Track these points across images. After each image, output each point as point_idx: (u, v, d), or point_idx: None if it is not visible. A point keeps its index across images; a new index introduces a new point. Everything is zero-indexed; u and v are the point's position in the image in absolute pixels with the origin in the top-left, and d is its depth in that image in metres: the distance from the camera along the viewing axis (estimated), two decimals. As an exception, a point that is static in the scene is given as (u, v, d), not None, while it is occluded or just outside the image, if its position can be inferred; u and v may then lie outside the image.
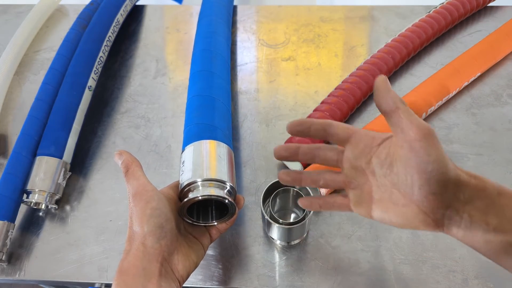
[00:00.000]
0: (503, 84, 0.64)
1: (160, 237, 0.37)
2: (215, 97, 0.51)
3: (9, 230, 0.50)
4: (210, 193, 0.39)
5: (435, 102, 0.59)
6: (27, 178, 0.53)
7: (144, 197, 0.38)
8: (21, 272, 0.50)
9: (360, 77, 0.61)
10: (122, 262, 0.37)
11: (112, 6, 0.71)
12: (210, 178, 0.40)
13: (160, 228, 0.37)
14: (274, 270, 0.48)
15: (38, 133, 0.56)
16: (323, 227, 0.51)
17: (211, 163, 0.41)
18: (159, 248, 0.37)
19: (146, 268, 0.36)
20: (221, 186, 0.41)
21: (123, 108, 0.66)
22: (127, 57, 0.73)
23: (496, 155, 0.57)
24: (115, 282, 0.36)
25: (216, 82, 0.53)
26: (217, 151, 0.43)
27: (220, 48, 0.60)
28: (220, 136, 0.46)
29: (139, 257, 0.36)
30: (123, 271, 0.36)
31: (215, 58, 0.57)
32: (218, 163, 0.42)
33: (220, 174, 0.41)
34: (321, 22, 0.76)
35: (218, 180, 0.40)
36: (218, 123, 0.47)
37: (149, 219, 0.37)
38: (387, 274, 0.47)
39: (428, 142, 0.31)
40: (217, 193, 0.39)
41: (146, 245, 0.37)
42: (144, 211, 0.37)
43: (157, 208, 0.38)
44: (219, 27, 0.64)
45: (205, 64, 0.56)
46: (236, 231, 0.52)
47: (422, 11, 0.76)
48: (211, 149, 0.43)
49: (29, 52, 0.75)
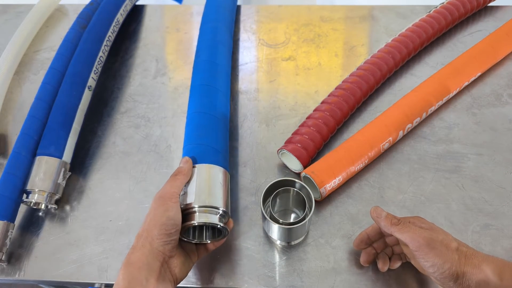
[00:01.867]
0: (503, 84, 0.64)
1: (166, 243, 0.41)
2: (218, 116, 0.53)
3: (9, 230, 0.50)
4: (205, 220, 0.44)
5: (435, 102, 0.59)
6: (27, 178, 0.52)
7: (166, 205, 0.42)
8: (20, 272, 0.50)
9: (360, 77, 0.61)
10: (129, 255, 0.40)
11: (112, 6, 0.71)
12: (208, 205, 0.44)
13: (167, 236, 0.41)
14: (274, 270, 0.48)
15: (38, 133, 0.56)
16: (323, 227, 0.51)
17: (211, 190, 0.46)
18: (163, 250, 0.41)
19: (150, 264, 0.40)
20: (216, 212, 0.45)
21: (123, 108, 0.65)
22: (127, 57, 0.73)
23: (496, 155, 0.57)
24: (121, 272, 0.39)
25: (219, 99, 0.55)
26: (218, 178, 0.47)
27: (223, 60, 0.60)
28: (221, 160, 0.49)
29: (145, 254, 0.40)
30: (130, 263, 0.40)
31: (219, 71, 0.58)
32: (218, 190, 0.46)
33: (217, 201, 0.45)
34: (321, 22, 0.76)
35: (214, 207, 0.45)
36: (220, 145, 0.50)
37: (162, 226, 0.41)
38: (387, 274, 0.47)
39: (423, 251, 0.39)
40: (211, 220, 0.44)
41: (153, 246, 0.41)
42: (160, 218, 0.41)
43: (172, 218, 0.42)
44: (223, 36, 0.64)
45: (208, 78, 0.56)
46: (236, 231, 0.52)
47: (422, 10, 0.75)
48: (212, 175, 0.47)
49: (29, 52, 0.75)
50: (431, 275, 0.40)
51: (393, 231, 0.42)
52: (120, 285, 0.39)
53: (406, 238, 0.41)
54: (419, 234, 0.40)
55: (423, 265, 0.40)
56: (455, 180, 0.55)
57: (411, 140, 0.59)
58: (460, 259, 0.39)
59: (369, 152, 0.54)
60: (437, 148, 0.58)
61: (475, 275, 0.38)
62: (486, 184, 0.54)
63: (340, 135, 0.60)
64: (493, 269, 0.38)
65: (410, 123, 0.57)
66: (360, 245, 0.47)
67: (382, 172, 0.56)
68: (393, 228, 0.42)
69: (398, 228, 0.42)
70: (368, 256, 0.47)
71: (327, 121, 0.56)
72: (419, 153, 0.57)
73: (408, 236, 0.40)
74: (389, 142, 0.56)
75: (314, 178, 0.50)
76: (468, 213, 0.52)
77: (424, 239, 0.40)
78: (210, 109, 0.53)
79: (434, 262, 0.39)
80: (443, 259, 0.39)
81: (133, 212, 0.54)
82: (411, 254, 0.44)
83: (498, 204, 0.52)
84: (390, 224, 0.42)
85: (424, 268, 0.41)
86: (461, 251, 0.39)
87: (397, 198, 0.53)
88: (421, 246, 0.40)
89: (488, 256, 0.39)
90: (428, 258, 0.39)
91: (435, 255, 0.39)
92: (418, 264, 0.44)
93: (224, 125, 0.53)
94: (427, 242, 0.39)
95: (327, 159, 0.53)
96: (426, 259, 0.39)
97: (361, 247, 0.47)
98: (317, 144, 0.55)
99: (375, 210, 0.44)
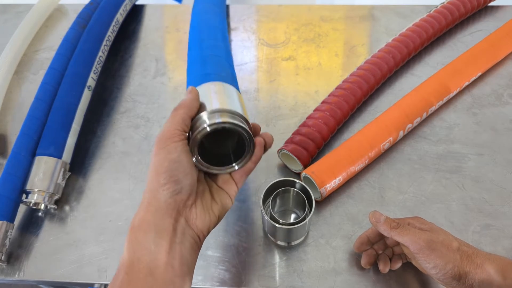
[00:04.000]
0: (503, 84, 0.64)
1: (175, 192, 0.34)
2: (221, 55, 0.47)
3: (8, 230, 0.50)
4: (222, 120, 0.34)
5: (435, 102, 0.59)
6: (26, 178, 0.52)
7: (166, 147, 0.35)
8: (20, 273, 0.50)
9: (360, 77, 0.61)
10: (134, 217, 0.34)
11: (111, 6, 0.71)
12: (219, 109, 0.35)
13: (176, 183, 0.34)
14: (274, 270, 0.48)
15: (37, 133, 0.56)
16: (323, 227, 0.51)
17: (220, 98, 0.37)
18: (173, 203, 0.34)
19: (159, 224, 0.33)
20: (233, 116, 0.35)
21: (122, 108, 0.65)
22: (126, 56, 0.73)
23: (496, 155, 0.56)
24: (127, 238, 0.34)
25: (219, 37, 0.50)
26: (232, 91, 0.38)
27: (216, 20, 0.58)
28: (229, 80, 0.41)
29: (151, 212, 0.34)
30: (135, 227, 0.34)
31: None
32: (228, 98, 0.37)
33: (231, 106, 0.35)
34: (322, 22, 0.76)
35: (229, 110, 0.35)
36: (226, 72, 0.43)
37: (166, 172, 0.34)
38: (387, 274, 0.47)
39: (424, 253, 0.39)
40: (227, 120, 0.34)
41: (159, 200, 0.34)
42: (162, 163, 0.34)
43: (177, 161, 0.34)
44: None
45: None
46: (236, 231, 0.52)
47: (422, 10, 0.75)
48: (226, 89, 0.38)
49: (28, 52, 0.74)
50: (433, 276, 0.40)
51: (393, 235, 0.42)
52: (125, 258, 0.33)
53: (406, 241, 0.40)
54: (419, 237, 0.40)
55: (424, 266, 0.40)
56: (456, 180, 0.54)
57: (411, 140, 0.58)
58: (462, 259, 0.39)
59: (369, 152, 0.53)
60: (437, 148, 0.58)
61: (478, 275, 0.38)
62: (486, 184, 0.54)
63: (340, 135, 0.60)
64: (496, 268, 0.38)
65: (410, 123, 0.57)
66: (360, 247, 0.47)
67: (383, 172, 0.56)
68: (393, 232, 0.42)
69: (398, 231, 0.41)
70: (369, 258, 0.46)
71: (327, 121, 0.56)
72: (419, 153, 0.57)
73: (408, 239, 0.40)
74: (390, 142, 0.55)
75: (314, 178, 0.50)
76: (469, 213, 0.51)
77: (424, 241, 0.39)
78: (211, 50, 0.48)
79: (436, 263, 0.39)
80: (445, 260, 0.38)
81: (133, 212, 0.54)
82: (411, 254, 0.44)
83: (498, 204, 0.52)
84: (390, 228, 0.42)
85: (426, 270, 0.41)
86: (463, 251, 0.39)
87: (397, 198, 0.53)
88: (422, 249, 0.39)
89: (491, 255, 0.39)
90: (429, 260, 0.39)
91: (437, 257, 0.39)
92: (419, 264, 0.44)
93: (228, 58, 0.48)
94: (427, 244, 0.39)
95: (327, 159, 0.53)
96: (428, 261, 0.39)
97: (362, 249, 0.47)
98: (317, 144, 0.55)
99: (373, 215, 0.44)
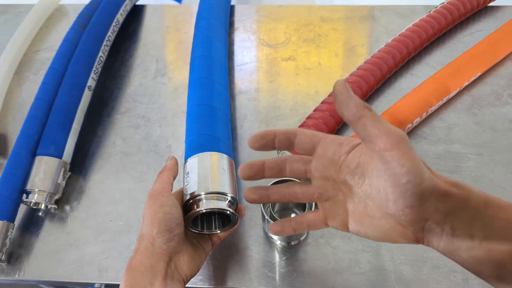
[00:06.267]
0: (503, 84, 0.64)
1: (168, 240, 0.38)
2: (216, 106, 0.52)
3: (9, 230, 0.50)
4: (213, 206, 0.41)
5: (435, 102, 0.59)
6: (26, 178, 0.52)
7: (159, 201, 0.39)
8: (20, 272, 0.50)
9: (360, 77, 0.61)
10: (131, 260, 0.38)
11: (112, 6, 0.71)
12: (213, 191, 0.42)
13: (169, 232, 0.38)
14: (274, 270, 0.48)
15: (37, 133, 0.56)
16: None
17: (214, 176, 0.43)
18: (166, 249, 0.38)
19: (154, 267, 0.37)
20: (223, 198, 0.42)
21: (123, 108, 0.65)
22: (127, 57, 0.73)
23: (496, 155, 0.56)
24: (124, 278, 0.37)
25: (216, 90, 0.54)
26: (220, 164, 0.45)
27: (219, 54, 0.60)
28: (222, 148, 0.47)
29: (147, 256, 0.37)
30: (132, 268, 0.37)
31: (215, 64, 0.57)
32: (222, 176, 0.44)
33: (222, 187, 0.43)
34: (322, 22, 0.76)
35: (221, 192, 0.42)
36: (220, 133, 0.49)
37: (160, 222, 0.38)
38: (387, 274, 0.47)
39: (400, 151, 0.29)
40: (219, 206, 0.41)
41: (154, 245, 0.38)
42: (156, 214, 0.39)
43: (169, 213, 0.39)
44: (217, 31, 0.64)
45: (205, 71, 0.56)
46: (236, 231, 0.52)
47: (422, 10, 0.75)
48: (214, 162, 0.45)
49: (29, 52, 0.75)
50: (396, 193, 0.29)
51: (364, 120, 0.30)
52: None
53: (381, 129, 0.30)
54: (394, 129, 0.30)
55: (394, 172, 0.29)
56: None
57: (411, 140, 0.59)
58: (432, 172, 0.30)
59: (369, 152, 0.53)
60: (437, 148, 0.58)
61: (453, 192, 0.29)
62: (486, 184, 0.54)
63: (340, 135, 0.60)
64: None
65: (410, 123, 0.57)
66: (256, 146, 0.37)
67: (382, 172, 0.56)
68: (365, 112, 0.30)
69: (371, 114, 0.30)
70: (282, 227, 0.40)
71: (327, 121, 0.56)
72: (419, 153, 0.56)
73: (382, 126, 0.30)
74: (389, 142, 0.55)
75: (314, 178, 0.50)
76: (468, 213, 0.51)
77: (400, 134, 0.30)
78: (206, 99, 0.52)
79: (410, 166, 0.28)
80: (418, 162, 0.29)
81: (133, 212, 0.54)
82: (366, 163, 0.32)
83: (498, 204, 0.52)
84: (363, 107, 0.31)
85: (393, 179, 0.29)
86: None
87: (397, 198, 0.53)
88: (401, 141, 0.29)
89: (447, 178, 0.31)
90: (407, 159, 0.29)
91: (415, 157, 0.29)
92: (380, 179, 0.31)
93: (224, 114, 0.52)
94: (404, 138, 0.29)
95: (327, 159, 0.53)
96: (403, 162, 0.29)
97: (257, 147, 0.37)
98: (317, 144, 0.55)
99: (343, 85, 0.31)
